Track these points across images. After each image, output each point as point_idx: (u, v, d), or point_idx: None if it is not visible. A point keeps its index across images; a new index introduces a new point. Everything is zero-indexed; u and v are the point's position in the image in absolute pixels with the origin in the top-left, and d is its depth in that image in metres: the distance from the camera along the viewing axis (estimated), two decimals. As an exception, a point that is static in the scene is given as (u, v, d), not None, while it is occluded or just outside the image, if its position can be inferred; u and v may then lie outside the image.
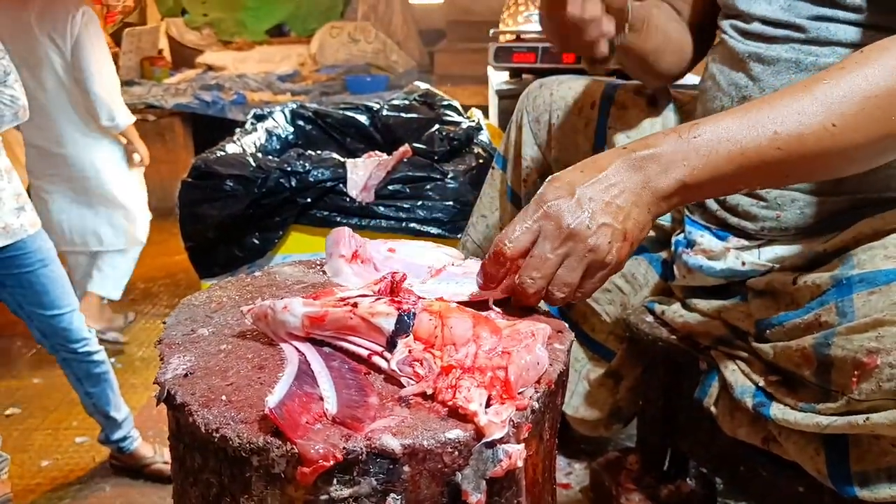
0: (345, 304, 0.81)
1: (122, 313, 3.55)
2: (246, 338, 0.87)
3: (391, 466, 0.67)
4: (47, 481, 2.44)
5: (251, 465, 0.68)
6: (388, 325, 0.79)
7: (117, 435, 2.38)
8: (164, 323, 0.93)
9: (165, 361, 0.82)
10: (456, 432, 0.69)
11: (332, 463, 0.65)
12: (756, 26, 1.14)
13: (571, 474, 1.72)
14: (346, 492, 0.67)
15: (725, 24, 1.23)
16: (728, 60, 1.22)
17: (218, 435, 0.69)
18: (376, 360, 0.79)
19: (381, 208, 2.31)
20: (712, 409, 1.22)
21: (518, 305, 0.91)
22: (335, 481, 0.67)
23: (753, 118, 0.88)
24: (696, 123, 0.89)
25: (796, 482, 1.13)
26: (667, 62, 1.36)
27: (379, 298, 0.83)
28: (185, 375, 0.78)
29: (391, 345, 0.78)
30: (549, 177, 0.90)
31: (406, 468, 0.68)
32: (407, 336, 0.78)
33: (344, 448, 0.66)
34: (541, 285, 0.87)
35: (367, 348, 0.80)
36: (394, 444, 0.67)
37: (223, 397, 0.73)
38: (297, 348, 0.82)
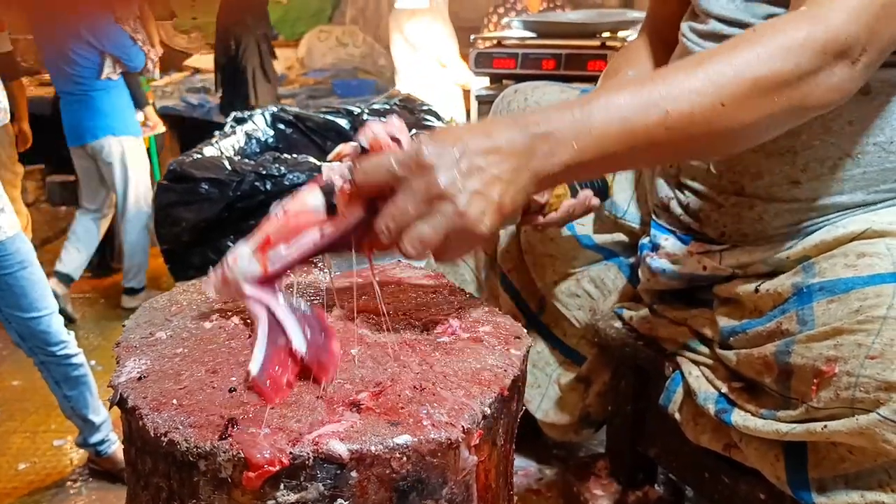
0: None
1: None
2: (203, 341, 0.87)
3: (338, 472, 0.67)
4: (24, 485, 2.42)
5: (198, 469, 0.68)
6: (316, 199, 0.82)
7: (95, 438, 2.37)
8: (124, 325, 0.93)
9: (121, 364, 0.82)
10: (404, 438, 0.69)
11: (278, 468, 0.65)
12: (713, 25, 1.15)
13: (542, 480, 1.72)
14: (292, 497, 0.67)
15: (685, 26, 1.23)
16: None
17: (166, 439, 0.69)
18: (326, 230, 0.82)
19: (358, 213, 2.31)
20: (677, 415, 1.23)
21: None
22: (282, 486, 0.67)
23: (647, 96, 0.85)
24: (588, 100, 0.86)
25: (757, 489, 1.14)
26: None
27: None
28: (139, 379, 0.78)
29: (330, 209, 0.82)
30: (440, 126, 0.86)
31: (354, 473, 0.68)
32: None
33: (290, 453, 0.66)
34: (395, 237, 0.80)
35: (320, 236, 0.83)
36: (341, 449, 0.67)
37: (174, 401, 0.73)
38: (262, 302, 0.83)
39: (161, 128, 3.86)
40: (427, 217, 0.78)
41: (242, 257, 0.84)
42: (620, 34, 2.68)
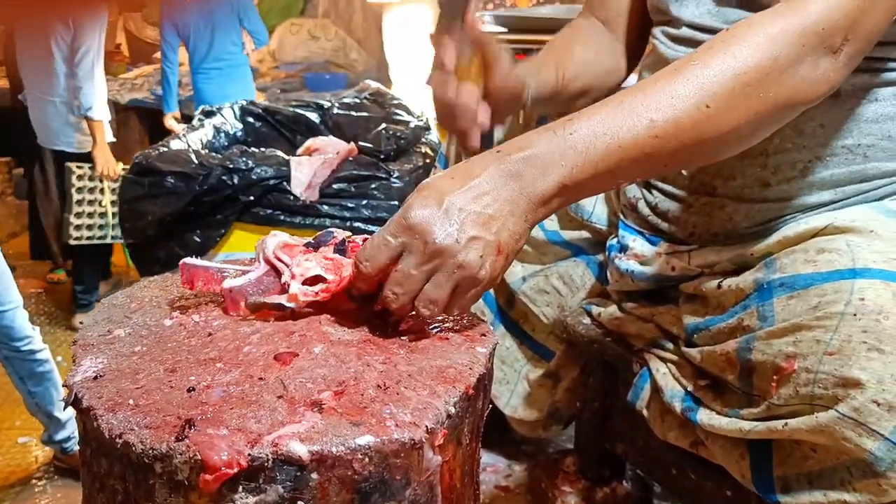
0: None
1: None
2: (162, 339, 0.85)
3: (298, 474, 0.66)
4: (-12, 482, 2.40)
5: (154, 471, 0.66)
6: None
7: (61, 435, 2.34)
8: (81, 323, 0.91)
9: (77, 363, 0.80)
10: (367, 438, 0.67)
11: (236, 470, 0.64)
12: (685, 31, 1.15)
13: (511, 476, 1.72)
14: (251, 499, 0.66)
15: (657, 31, 1.23)
16: (659, 66, 1.21)
17: (121, 440, 0.67)
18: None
19: (326, 207, 2.30)
20: (644, 411, 1.23)
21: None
22: (240, 489, 0.65)
23: (628, 108, 0.85)
24: (570, 119, 0.86)
25: (724, 485, 1.14)
26: (596, 93, 1.34)
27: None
28: (95, 378, 0.76)
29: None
30: (420, 183, 0.86)
31: (314, 475, 0.66)
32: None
33: (249, 455, 0.64)
34: (404, 301, 0.83)
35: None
36: (301, 450, 0.65)
37: (130, 401, 0.71)
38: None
39: None
40: (432, 277, 0.81)
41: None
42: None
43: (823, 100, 1.02)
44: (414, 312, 0.84)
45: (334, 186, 2.33)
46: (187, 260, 0.93)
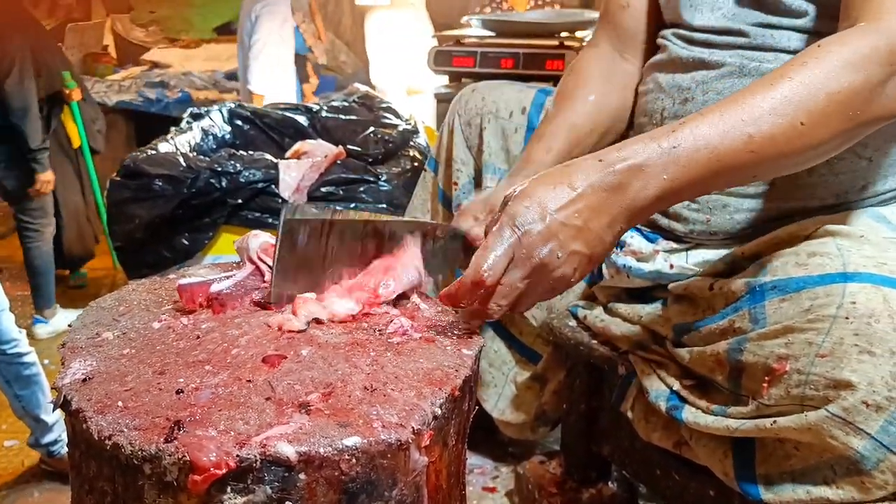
0: None
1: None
2: (151, 341, 0.85)
3: (286, 474, 0.67)
4: (-27, 486, 2.38)
5: (143, 473, 0.67)
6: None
7: (48, 438, 2.32)
8: (70, 326, 0.92)
9: (66, 366, 0.81)
10: (354, 439, 0.68)
11: (224, 471, 0.65)
12: (699, 35, 1.16)
13: (498, 478, 1.73)
14: (239, 500, 0.67)
15: (667, 32, 1.24)
16: (671, 66, 1.23)
17: (111, 442, 0.67)
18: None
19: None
20: (629, 413, 1.24)
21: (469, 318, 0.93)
22: (229, 489, 0.66)
23: (729, 122, 0.88)
24: (673, 130, 0.89)
25: (708, 486, 1.15)
26: (612, 135, 1.35)
27: None
28: (84, 381, 0.77)
29: None
30: (517, 190, 0.89)
31: (302, 476, 0.67)
32: None
33: (237, 455, 0.65)
34: (505, 311, 0.89)
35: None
36: (289, 451, 0.66)
37: (119, 403, 0.72)
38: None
39: None
40: (528, 289, 0.88)
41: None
42: (578, 34, 2.69)
43: None
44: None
45: (322, 189, 2.33)
46: (182, 282, 0.94)
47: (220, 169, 2.27)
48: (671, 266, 1.20)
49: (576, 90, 1.34)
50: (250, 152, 2.47)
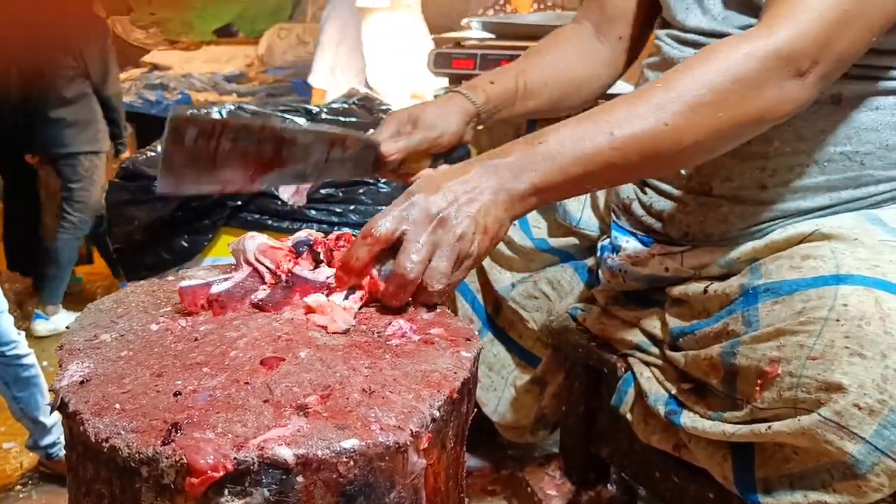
0: None
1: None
2: (149, 344, 0.85)
3: (284, 477, 0.66)
4: (-28, 489, 2.38)
5: (141, 475, 0.67)
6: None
7: (46, 440, 2.33)
8: (67, 328, 0.91)
9: (63, 368, 0.81)
10: (352, 442, 0.68)
11: (221, 473, 0.64)
12: (691, 35, 1.17)
13: (497, 480, 1.73)
14: (237, 502, 0.66)
15: (662, 33, 1.24)
16: (663, 66, 1.23)
17: (108, 444, 0.67)
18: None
19: (313, 212, 2.31)
20: (628, 415, 1.24)
21: (393, 299, 0.93)
22: (226, 492, 0.66)
23: (591, 124, 0.94)
24: (542, 131, 0.95)
25: (707, 488, 1.15)
26: (569, 99, 1.39)
27: None
28: (82, 383, 0.77)
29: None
30: (421, 173, 0.95)
31: (300, 479, 0.67)
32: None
33: (235, 458, 0.65)
34: (419, 271, 0.89)
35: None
36: (286, 454, 0.66)
37: (116, 405, 0.72)
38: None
39: None
40: (436, 251, 0.90)
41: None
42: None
43: (825, 106, 1.05)
44: (417, 295, 0.92)
45: (322, 191, 2.33)
46: (182, 284, 0.94)
47: (219, 171, 2.27)
48: (666, 269, 1.20)
49: (540, 49, 1.40)
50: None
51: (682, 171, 1.17)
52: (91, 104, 3.54)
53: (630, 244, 1.26)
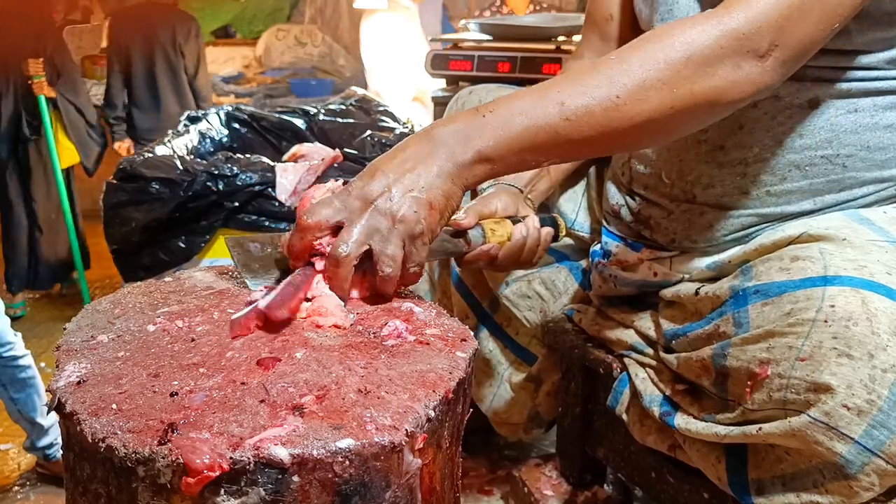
0: None
1: None
2: (146, 344, 0.85)
3: (280, 476, 0.67)
4: (-31, 491, 2.38)
5: (137, 475, 0.67)
6: None
7: (44, 442, 2.33)
8: (65, 328, 0.92)
9: (60, 368, 0.81)
10: (347, 441, 0.68)
11: (218, 473, 0.65)
12: None
13: (493, 480, 1.74)
14: (233, 502, 0.67)
15: None
16: None
17: (104, 444, 0.68)
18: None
19: (312, 213, 2.30)
20: (624, 416, 1.24)
21: (331, 284, 0.92)
22: (222, 492, 0.66)
23: (543, 94, 0.93)
24: (492, 102, 0.95)
25: (702, 489, 1.16)
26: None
27: None
28: (79, 383, 0.77)
29: None
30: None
31: (295, 478, 0.67)
32: None
33: (231, 458, 0.65)
34: (352, 251, 0.89)
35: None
36: (282, 453, 0.66)
37: (113, 406, 0.72)
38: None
39: None
40: (378, 238, 0.89)
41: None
42: (575, 38, 2.69)
43: (803, 110, 1.04)
44: (379, 284, 0.92)
45: (320, 192, 2.33)
46: (235, 317, 0.88)
47: (216, 172, 2.27)
48: (655, 274, 1.21)
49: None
50: (247, 155, 2.47)
51: (665, 179, 1.17)
52: None
53: (620, 249, 1.27)
